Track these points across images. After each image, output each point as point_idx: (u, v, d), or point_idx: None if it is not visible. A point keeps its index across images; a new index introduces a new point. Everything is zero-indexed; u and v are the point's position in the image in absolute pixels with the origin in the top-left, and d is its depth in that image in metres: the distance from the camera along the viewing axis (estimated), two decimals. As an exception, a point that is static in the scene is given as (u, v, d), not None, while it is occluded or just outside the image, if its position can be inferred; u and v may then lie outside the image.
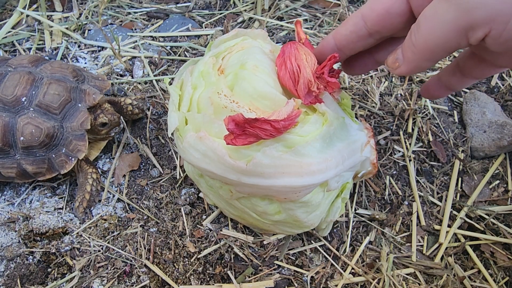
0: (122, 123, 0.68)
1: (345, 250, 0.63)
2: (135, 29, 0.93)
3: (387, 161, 0.73)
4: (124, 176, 0.70)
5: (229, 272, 0.60)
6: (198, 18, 0.96)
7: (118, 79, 0.82)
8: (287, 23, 0.94)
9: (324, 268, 0.61)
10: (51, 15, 0.93)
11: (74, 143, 0.64)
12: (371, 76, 0.84)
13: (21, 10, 0.91)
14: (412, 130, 0.77)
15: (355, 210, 0.67)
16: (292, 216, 0.52)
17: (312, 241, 0.64)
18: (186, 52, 0.88)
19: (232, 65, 0.53)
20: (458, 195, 0.71)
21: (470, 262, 0.64)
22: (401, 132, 0.76)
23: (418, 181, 0.72)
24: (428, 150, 0.75)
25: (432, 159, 0.75)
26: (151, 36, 0.90)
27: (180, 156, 0.71)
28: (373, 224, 0.66)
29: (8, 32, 0.89)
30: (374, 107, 0.79)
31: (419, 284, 0.61)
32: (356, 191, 0.69)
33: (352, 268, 0.62)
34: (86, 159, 0.67)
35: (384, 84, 0.83)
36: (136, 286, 0.58)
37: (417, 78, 0.85)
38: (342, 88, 0.82)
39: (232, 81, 0.51)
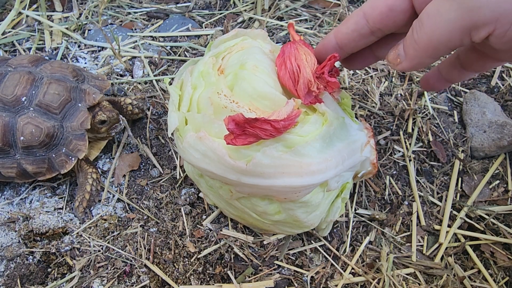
0: (124, 122, 0.68)
1: (345, 250, 0.63)
2: (135, 29, 0.93)
3: (387, 161, 0.73)
4: (124, 176, 0.70)
5: (229, 272, 0.60)
6: (198, 18, 0.96)
7: (118, 79, 0.82)
8: (287, 23, 0.94)
9: (324, 268, 0.61)
10: (51, 15, 0.93)
11: (74, 142, 0.64)
12: (371, 76, 0.84)
13: (19, 9, 0.91)
14: (412, 130, 0.77)
15: (355, 210, 0.67)
16: (292, 216, 0.52)
17: (312, 241, 0.64)
18: (186, 52, 0.88)
19: (232, 65, 0.53)
20: (458, 195, 0.71)
21: (470, 262, 0.64)
22: (401, 132, 0.76)
23: (418, 181, 0.72)
24: (428, 150, 0.75)
25: (432, 159, 0.75)
26: (151, 36, 0.90)
27: (180, 156, 0.71)
28: (373, 224, 0.66)
29: (8, 32, 0.89)
30: (374, 107, 0.79)
31: (419, 284, 0.61)
32: (356, 191, 0.69)
33: (352, 268, 0.61)
34: (86, 159, 0.67)
35: (384, 84, 0.83)
36: (136, 286, 0.58)
37: (417, 78, 0.84)
38: (342, 88, 0.82)
39: (232, 81, 0.51)
